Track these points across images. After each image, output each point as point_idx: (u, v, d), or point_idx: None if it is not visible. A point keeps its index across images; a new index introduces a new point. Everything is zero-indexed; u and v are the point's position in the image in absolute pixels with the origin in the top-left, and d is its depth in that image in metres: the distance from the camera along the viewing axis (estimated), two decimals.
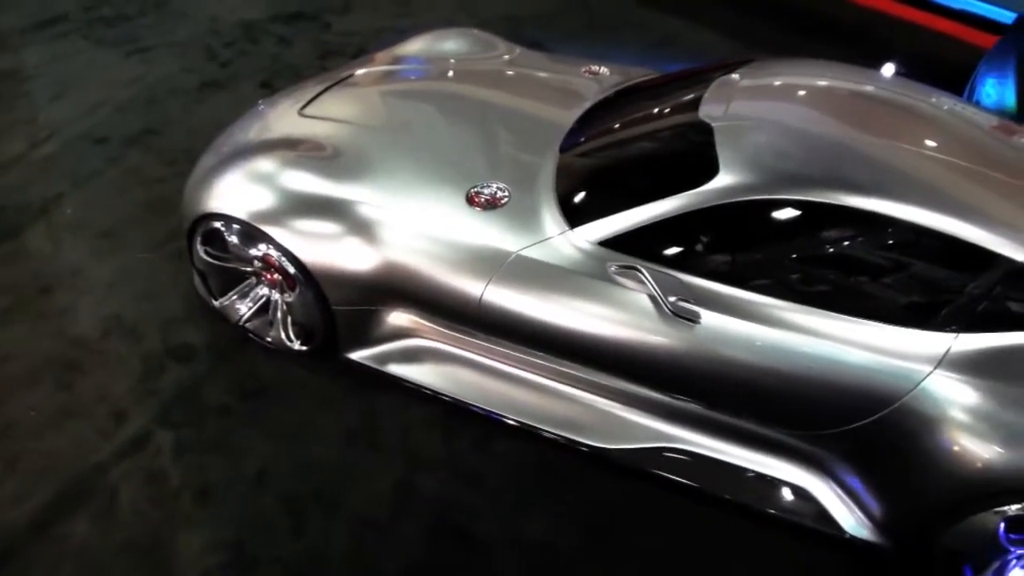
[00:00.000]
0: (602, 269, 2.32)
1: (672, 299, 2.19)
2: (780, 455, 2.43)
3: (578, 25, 5.48)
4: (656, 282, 2.20)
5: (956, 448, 2.08)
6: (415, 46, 3.64)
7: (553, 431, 2.58)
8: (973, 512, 2.11)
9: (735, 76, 2.70)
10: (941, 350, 2.12)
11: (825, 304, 2.21)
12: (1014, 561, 2.23)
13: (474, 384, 2.67)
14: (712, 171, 2.25)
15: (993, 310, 2.12)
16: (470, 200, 2.53)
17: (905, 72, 4.56)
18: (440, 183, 2.60)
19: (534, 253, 2.39)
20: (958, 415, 2.09)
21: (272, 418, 2.80)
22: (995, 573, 2.25)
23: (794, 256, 2.27)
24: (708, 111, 2.49)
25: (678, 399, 2.43)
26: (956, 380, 2.10)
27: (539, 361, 2.56)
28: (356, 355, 2.80)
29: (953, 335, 2.12)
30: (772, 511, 2.44)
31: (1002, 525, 2.09)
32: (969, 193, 2.23)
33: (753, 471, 2.46)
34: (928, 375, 2.11)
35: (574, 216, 2.42)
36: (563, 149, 2.71)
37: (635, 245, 2.31)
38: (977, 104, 4.29)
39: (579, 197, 2.48)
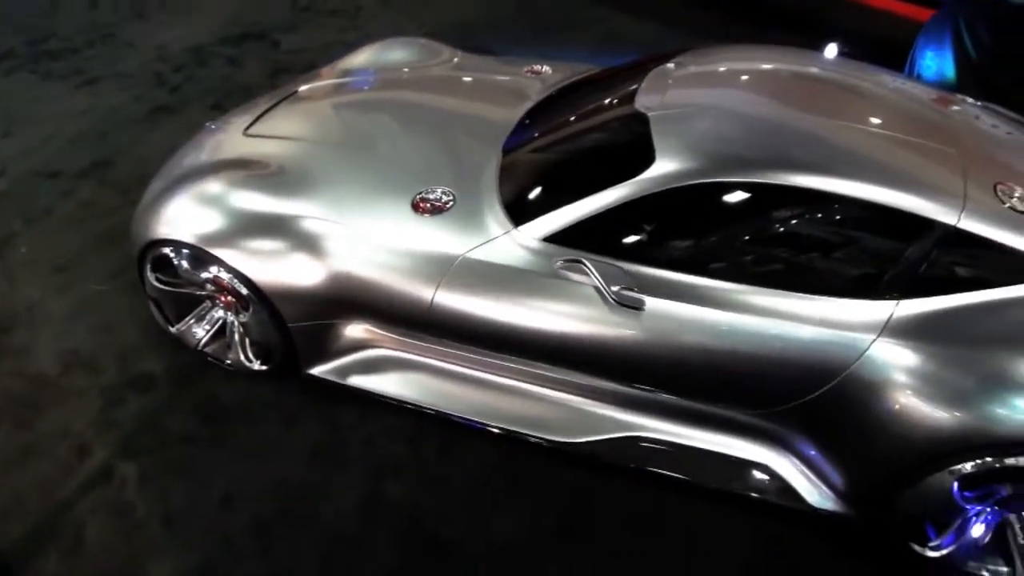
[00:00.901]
0: (549, 265, 2.34)
1: (615, 289, 2.21)
2: (740, 435, 2.46)
3: (527, 27, 5.51)
4: (599, 273, 2.22)
5: (905, 412, 2.12)
6: (360, 58, 3.65)
7: (516, 430, 2.59)
8: (928, 474, 2.14)
9: (670, 66, 2.74)
10: (883, 318, 2.16)
11: (769, 282, 2.24)
12: (973, 518, 2.27)
13: (436, 390, 2.67)
14: (649, 160, 2.28)
15: (931, 274, 2.16)
16: (416, 207, 2.54)
17: (847, 52, 4.65)
18: (385, 192, 2.61)
19: (480, 254, 2.40)
20: (904, 379, 2.13)
21: (236, 440, 2.79)
22: (957, 531, 2.29)
23: (736, 237, 2.30)
24: (644, 102, 2.51)
25: (635, 388, 2.45)
26: (899, 345, 2.14)
27: (497, 361, 2.57)
28: (316, 370, 2.79)
29: (894, 302, 2.16)
30: (736, 491, 2.46)
31: (955, 484, 2.12)
32: (904, 163, 2.27)
33: (715, 453, 2.48)
34: (872, 343, 2.15)
35: (519, 214, 2.44)
36: (506, 149, 2.72)
37: (580, 238, 2.33)
38: (918, 77, 4.38)
39: (522, 195, 2.50)
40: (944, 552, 2.31)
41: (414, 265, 2.45)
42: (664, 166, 2.25)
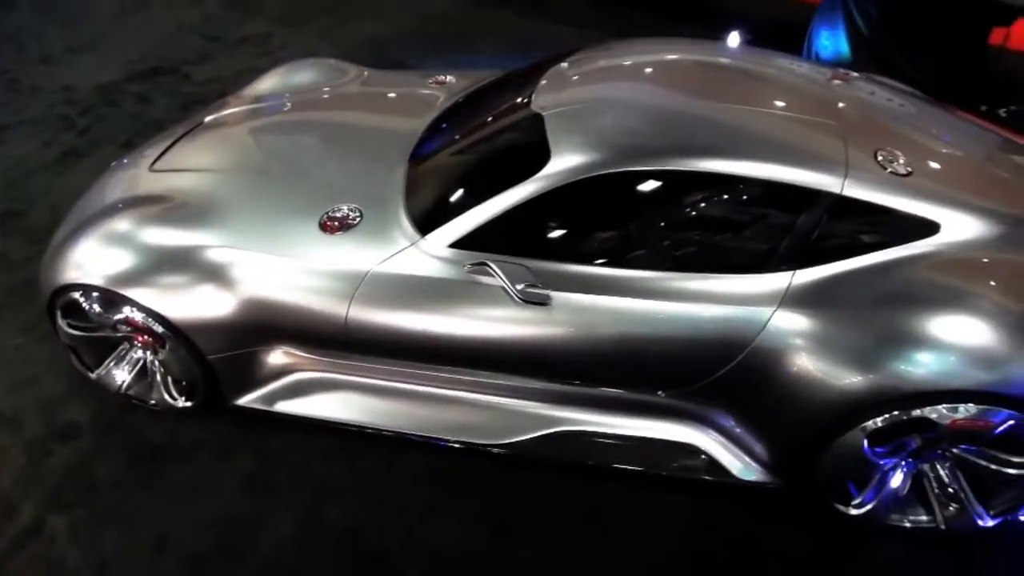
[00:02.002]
0: (457, 271, 2.36)
1: (520, 287, 2.24)
2: (664, 418, 2.51)
3: (439, 38, 5.55)
4: (504, 273, 2.25)
5: (811, 377, 2.19)
6: (266, 83, 3.63)
7: (445, 438, 2.60)
8: (841, 434, 2.22)
9: (565, 65, 2.79)
10: (781, 289, 2.23)
11: (671, 266, 2.29)
12: (890, 472, 2.36)
13: (364, 406, 2.67)
14: (546, 158, 2.32)
15: (823, 243, 2.25)
16: (323, 226, 2.54)
17: (750, 39, 4.79)
18: (292, 215, 2.60)
19: (388, 267, 2.41)
20: (806, 345, 2.20)
21: (167, 481, 2.73)
22: (876, 487, 2.38)
23: (636, 225, 2.35)
24: (540, 102, 2.56)
25: (558, 383, 2.48)
26: (799, 314, 2.22)
27: (420, 371, 2.58)
28: (243, 400, 2.76)
29: (791, 273, 2.24)
30: (667, 473, 2.51)
31: (866, 441, 2.20)
32: (788, 140, 2.36)
33: (642, 438, 2.53)
34: (772, 315, 2.22)
35: (426, 224, 2.45)
36: (412, 160, 2.74)
37: (487, 241, 2.36)
38: (816, 57, 4.55)
39: (428, 204, 2.51)
40: (867, 508, 2.39)
41: (325, 285, 2.44)
42: (559, 163, 2.29)
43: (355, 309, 2.41)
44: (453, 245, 2.38)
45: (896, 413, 2.16)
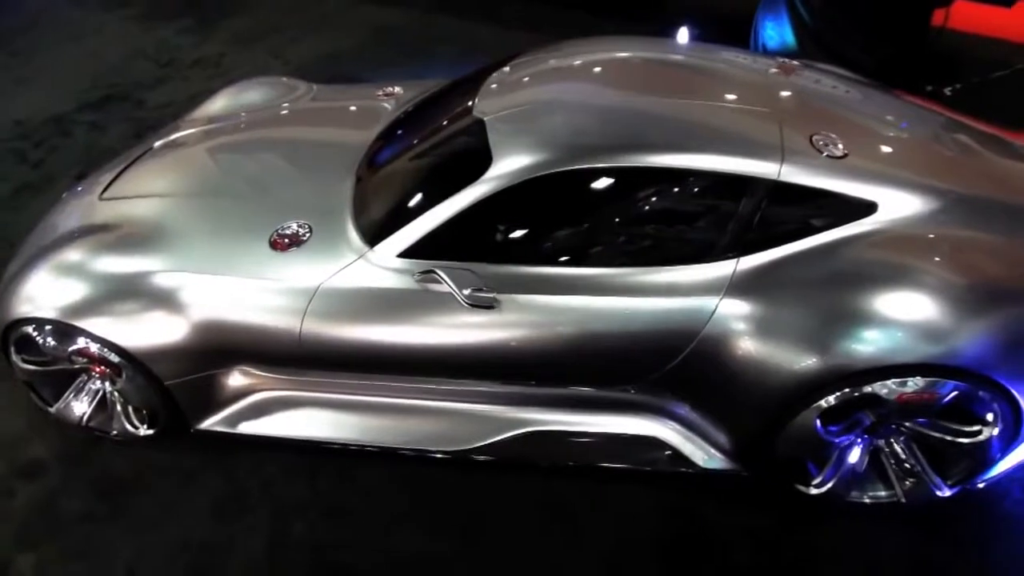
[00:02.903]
0: (408, 280, 2.37)
1: (467, 292, 2.25)
2: (624, 413, 2.53)
3: (393, 50, 5.54)
4: (452, 279, 2.26)
5: (761, 361, 2.22)
6: (216, 105, 3.61)
7: (407, 448, 2.61)
8: (795, 415, 2.25)
9: (507, 69, 2.81)
10: (726, 277, 2.26)
11: (618, 262, 2.32)
12: (847, 449, 2.39)
13: (326, 422, 2.67)
14: (488, 163, 2.33)
15: (764, 228, 2.28)
16: (274, 244, 2.53)
17: (698, 35, 4.86)
18: (242, 235, 2.60)
19: (338, 281, 2.41)
20: (754, 331, 2.23)
21: (134, 511, 2.70)
22: (835, 465, 2.41)
23: (581, 223, 2.38)
24: (482, 107, 2.57)
25: (515, 385, 2.50)
26: (744, 300, 2.25)
27: (378, 383, 2.58)
28: (205, 424, 2.74)
29: (734, 261, 2.27)
30: (630, 467, 2.53)
31: (818, 420, 2.24)
32: (724, 130, 2.39)
33: (603, 434, 2.54)
34: (719, 303, 2.25)
35: (375, 235, 2.46)
36: (359, 173, 2.75)
37: (435, 249, 2.37)
38: (763, 48, 4.61)
39: (376, 216, 2.52)
40: (827, 487, 2.43)
41: (277, 302, 2.44)
42: (499, 167, 2.31)
43: (308, 325, 2.41)
44: (403, 255, 2.39)
45: (847, 390, 2.19)
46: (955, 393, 2.19)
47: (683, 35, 4.83)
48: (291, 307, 2.42)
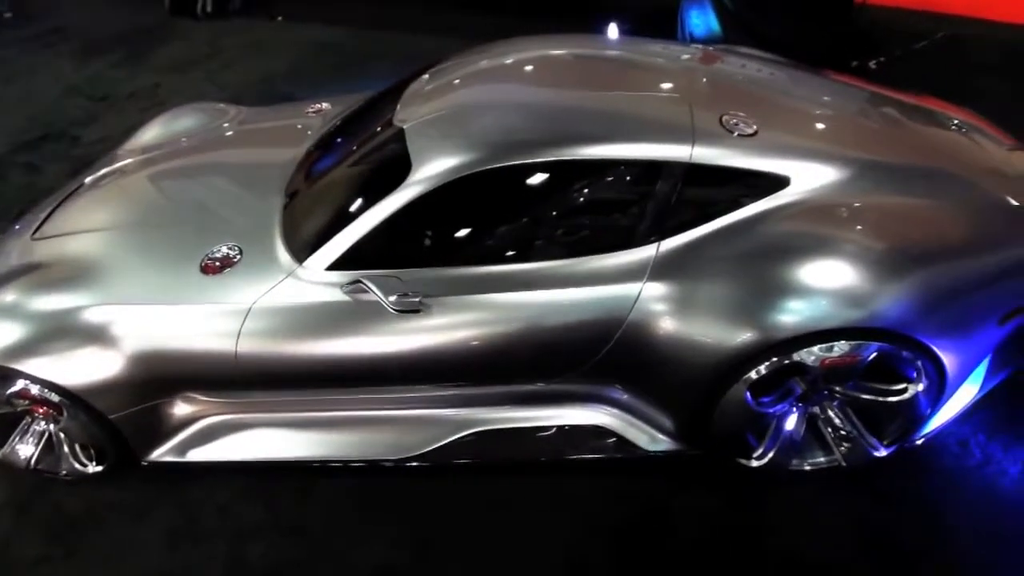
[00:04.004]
0: (338, 292, 2.38)
1: (392, 299, 2.27)
2: (566, 404, 2.57)
3: (329, 68, 5.56)
4: (378, 287, 2.28)
5: (688, 340, 2.28)
6: (147, 135, 3.60)
7: (359, 460, 2.61)
8: (727, 389, 2.30)
9: (426, 77, 2.85)
10: (648, 262, 2.31)
11: (543, 255, 2.36)
12: (783, 418, 2.45)
13: (275, 442, 2.66)
14: (408, 170, 2.36)
15: (682, 210, 2.34)
16: (205, 269, 2.53)
17: (627, 29, 4.94)
18: (173, 263, 2.59)
19: (269, 300, 2.42)
20: (677, 311, 2.29)
21: (89, 549, 2.67)
22: (773, 436, 2.47)
23: (502, 221, 2.42)
24: (402, 116, 2.60)
25: (453, 387, 2.52)
26: (666, 283, 2.30)
27: (323, 397, 2.59)
28: (155, 455, 2.72)
29: (655, 245, 2.32)
30: (576, 456, 2.56)
31: (748, 392, 2.29)
32: (635, 117, 2.45)
33: (548, 427, 2.58)
34: (642, 287, 2.30)
35: (304, 251, 2.47)
36: (288, 191, 2.75)
37: (365, 259, 2.38)
38: (691, 36, 4.70)
39: (304, 232, 2.53)
40: (768, 458, 2.49)
41: (211, 327, 2.44)
42: (419, 173, 2.34)
43: (243, 345, 2.41)
44: (332, 268, 2.40)
45: (775, 360, 2.25)
46: (876, 354, 2.25)
47: (612, 31, 4.90)
48: (225, 330, 2.42)
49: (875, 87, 3.15)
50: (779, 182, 2.35)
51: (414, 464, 2.61)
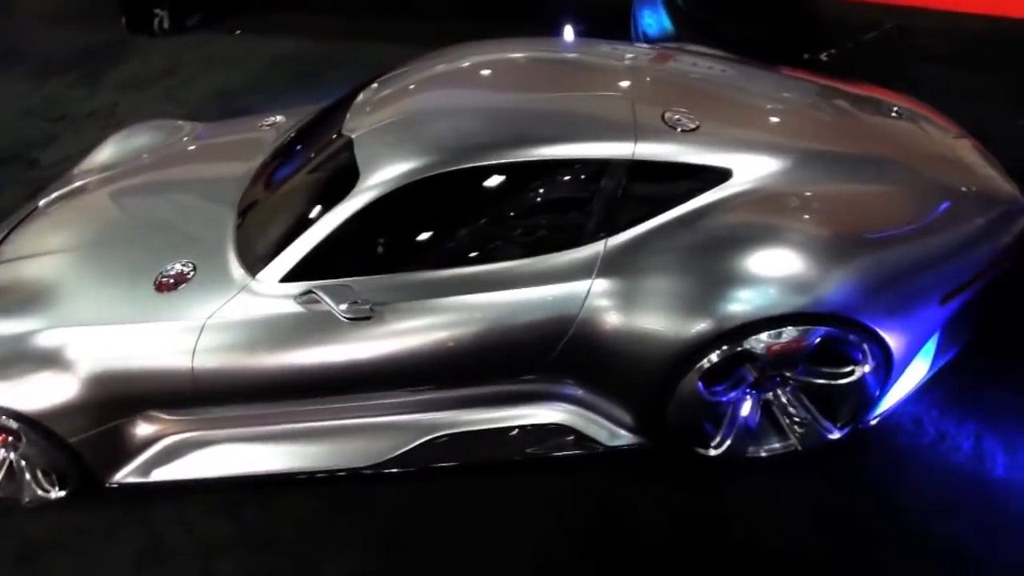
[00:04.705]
0: (292, 304, 2.39)
1: (344, 307, 2.28)
2: (525, 404, 2.59)
3: (288, 81, 5.55)
4: (328, 296, 2.29)
5: (637, 333, 2.31)
6: (103, 155, 3.59)
7: (324, 470, 2.62)
8: (680, 379, 2.34)
9: (375, 85, 2.87)
10: (596, 259, 2.35)
11: (491, 258, 2.39)
12: (737, 406, 2.49)
13: (238, 457, 2.66)
14: (356, 179, 2.38)
15: (628, 207, 2.38)
16: (159, 287, 2.53)
17: (582, 31, 4.99)
18: (126, 282, 2.59)
19: (223, 315, 2.42)
20: (627, 306, 2.32)
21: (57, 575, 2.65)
22: (729, 424, 2.51)
23: (452, 225, 2.44)
24: (351, 125, 2.62)
25: (413, 393, 2.53)
26: (615, 278, 2.34)
27: (283, 410, 2.59)
28: (118, 477, 2.71)
29: (602, 242, 2.36)
30: (539, 455, 2.59)
31: (699, 382, 2.33)
32: (579, 117, 2.48)
33: (509, 428, 2.60)
34: (592, 284, 2.34)
35: (257, 264, 2.47)
36: (241, 205, 2.76)
37: (317, 270, 2.40)
38: (645, 36, 4.76)
39: (258, 245, 2.54)
40: (725, 447, 2.53)
41: (166, 344, 2.44)
42: (367, 181, 2.36)
43: (199, 361, 2.41)
44: (286, 279, 2.41)
45: (725, 348, 2.29)
46: (821, 339, 2.30)
47: (568, 33, 4.95)
48: (179, 347, 2.42)
49: (823, 79, 3.21)
50: (722, 175, 2.40)
51: (380, 471, 2.62)
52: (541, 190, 2.41)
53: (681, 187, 2.39)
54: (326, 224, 2.36)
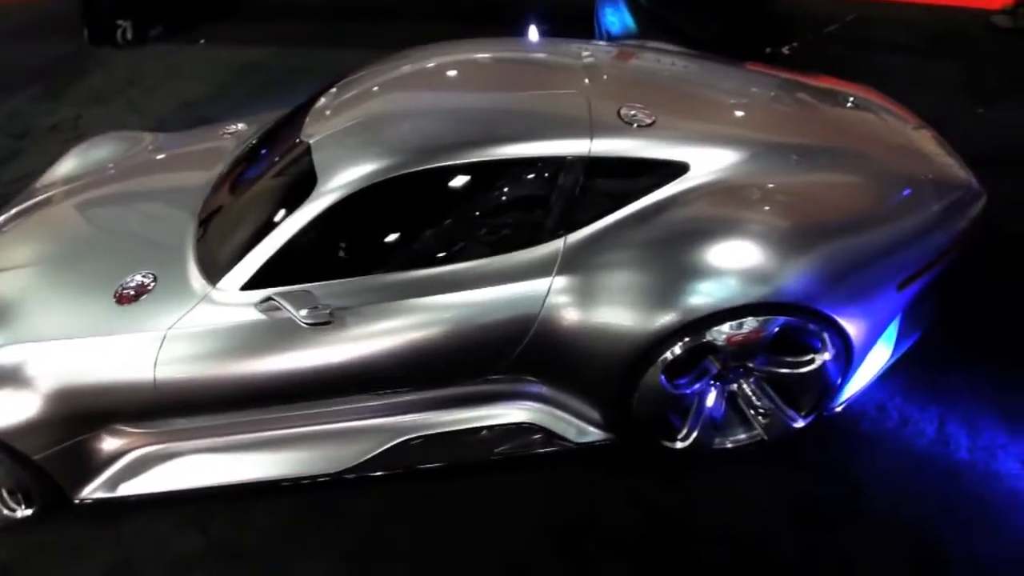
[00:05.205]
0: (253, 311, 2.38)
1: (303, 313, 2.27)
2: (493, 404, 2.60)
3: (252, 89, 5.52)
4: (289, 302, 2.28)
5: (598, 329, 2.33)
6: (63, 168, 3.54)
7: (292, 477, 2.61)
8: (641, 375, 2.35)
9: (333, 91, 2.86)
10: (556, 256, 2.36)
11: (452, 258, 2.39)
12: (702, 398, 2.51)
13: (206, 468, 2.63)
14: (314, 184, 2.37)
15: (586, 203, 2.39)
16: (120, 299, 2.50)
17: (546, 30, 5.01)
18: (86, 296, 2.56)
19: (184, 325, 2.40)
20: (587, 302, 2.34)
21: None
22: (695, 416, 2.53)
23: (412, 227, 2.45)
24: (309, 131, 2.62)
25: (382, 396, 2.53)
26: (575, 275, 2.36)
27: (250, 418, 2.57)
28: (85, 493, 2.67)
29: (562, 239, 2.37)
30: (510, 455, 2.59)
31: (663, 376, 2.35)
32: (535, 115, 2.50)
33: (478, 428, 2.60)
34: (552, 282, 2.35)
35: (217, 273, 2.46)
36: (201, 215, 2.74)
37: (278, 276, 2.39)
38: (608, 34, 4.79)
39: (218, 254, 2.52)
40: (692, 439, 2.55)
41: (128, 356, 2.41)
42: (324, 185, 2.35)
43: (161, 372, 2.39)
44: (247, 287, 2.40)
45: (687, 340, 2.31)
46: (781, 328, 2.33)
47: (532, 32, 4.97)
48: (141, 359, 2.39)
49: (784, 72, 3.25)
50: (679, 168, 2.42)
51: (350, 477, 2.61)
52: (499, 189, 2.42)
53: (639, 182, 2.41)
54: (285, 230, 2.35)
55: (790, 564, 2.41)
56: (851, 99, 3.01)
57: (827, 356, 2.41)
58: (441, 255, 2.41)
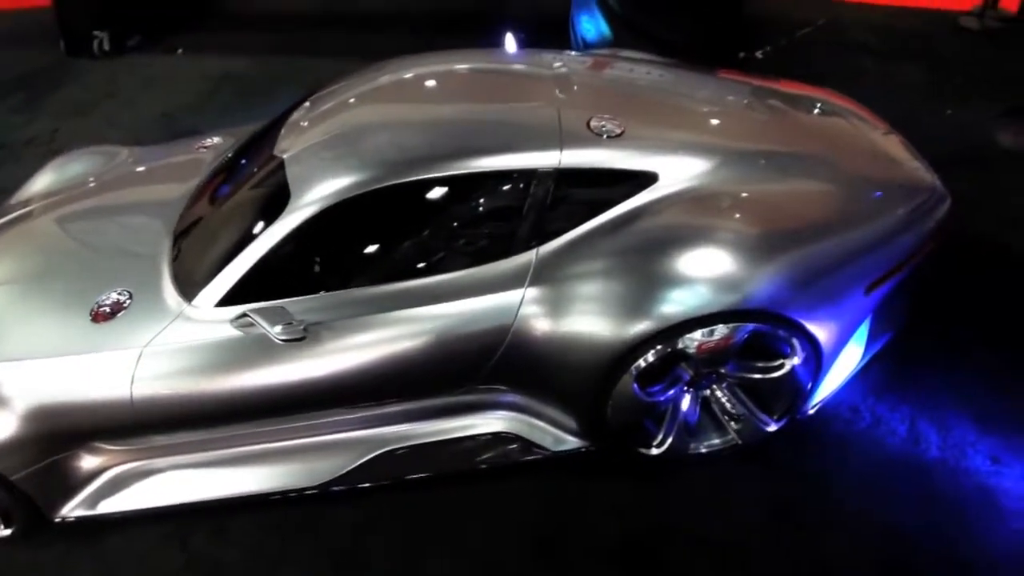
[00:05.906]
0: (229, 328, 2.39)
1: (278, 328, 2.29)
2: (470, 414, 2.62)
3: (232, 99, 5.51)
4: (263, 318, 2.29)
5: (571, 338, 2.36)
6: (38, 184, 3.53)
7: (270, 492, 2.62)
8: (614, 383, 2.38)
9: (306, 104, 2.87)
10: (528, 267, 2.39)
11: (425, 271, 2.42)
12: (676, 405, 2.54)
13: (185, 484, 2.64)
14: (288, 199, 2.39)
15: (557, 215, 2.43)
16: (95, 317, 2.51)
17: (523, 40, 5.03)
18: (61, 314, 2.56)
19: (160, 342, 2.41)
20: (560, 312, 2.37)
21: None
22: (669, 423, 2.57)
23: (385, 241, 2.48)
24: (282, 146, 2.63)
25: (359, 409, 2.54)
26: (547, 286, 2.39)
27: (228, 434, 2.58)
28: (65, 511, 2.66)
29: (534, 251, 2.40)
30: (489, 465, 2.61)
31: (635, 384, 2.38)
32: (510, 127, 2.54)
33: (456, 439, 2.63)
34: (524, 293, 2.38)
35: (193, 290, 2.47)
36: (176, 231, 2.74)
37: (254, 292, 2.40)
38: (584, 42, 4.83)
39: (193, 271, 2.53)
40: (667, 446, 2.58)
41: (104, 374, 2.41)
42: (298, 201, 2.37)
43: (138, 390, 2.39)
44: (223, 303, 2.41)
45: (659, 348, 2.34)
46: (750, 335, 2.37)
47: (509, 42, 4.99)
48: (117, 376, 2.40)
49: (756, 79, 3.30)
50: (648, 178, 2.45)
51: (329, 490, 2.62)
52: (472, 202, 2.44)
53: (609, 192, 2.44)
54: (259, 247, 2.37)
55: (766, 566, 2.45)
56: (819, 105, 3.06)
57: (797, 361, 2.45)
58: (414, 268, 2.43)
